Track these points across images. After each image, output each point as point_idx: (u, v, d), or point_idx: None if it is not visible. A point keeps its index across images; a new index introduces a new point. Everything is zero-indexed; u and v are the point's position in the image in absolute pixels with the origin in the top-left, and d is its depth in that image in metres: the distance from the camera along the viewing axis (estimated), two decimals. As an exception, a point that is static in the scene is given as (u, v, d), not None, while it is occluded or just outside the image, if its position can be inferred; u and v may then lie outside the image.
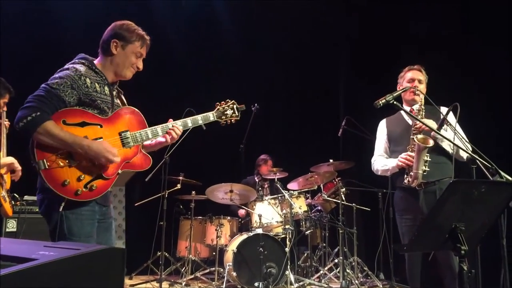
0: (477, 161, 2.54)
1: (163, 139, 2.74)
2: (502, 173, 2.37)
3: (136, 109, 2.64)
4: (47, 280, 1.19)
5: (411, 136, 3.46)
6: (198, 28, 7.45)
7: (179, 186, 5.96)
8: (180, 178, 5.97)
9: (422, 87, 3.65)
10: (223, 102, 2.93)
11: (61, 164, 2.31)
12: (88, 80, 2.44)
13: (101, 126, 2.45)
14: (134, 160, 2.57)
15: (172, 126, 2.71)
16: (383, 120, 3.87)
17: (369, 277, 5.86)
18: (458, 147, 2.88)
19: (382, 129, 3.86)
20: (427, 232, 2.29)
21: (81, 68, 2.47)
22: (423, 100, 3.50)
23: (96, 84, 2.48)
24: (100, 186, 2.40)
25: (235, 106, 2.94)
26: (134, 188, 6.90)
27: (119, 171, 2.50)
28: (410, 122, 3.58)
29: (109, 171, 2.44)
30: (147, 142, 2.74)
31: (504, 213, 2.46)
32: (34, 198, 4.54)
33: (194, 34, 7.45)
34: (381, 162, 3.74)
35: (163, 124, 2.70)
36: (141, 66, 2.67)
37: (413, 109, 3.52)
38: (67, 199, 2.31)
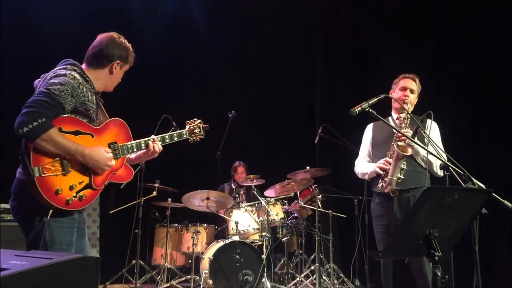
0: (450, 168, 2.59)
1: (143, 154, 2.82)
2: (474, 180, 2.41)
3: (124, 122, 2.68)
4: (18, 290, 1.16)
5: (392, 143, 3.51)
6: (174, 35, 7.42)
7: (155, 193, 5.88)
8: (156, 185, 5.90)
9: (413, 97, 3.66)
10: (191, 120, 3.08)
11: (56, 172, 2.28)
12: (84, 89, 2.42)
13: (92, 136, 2.45)
14: (119, 172, 2.61)
15: (153, 141, 2.79)
16: (370, 124, 3.91)
17: (345, 284, 5.89)
18: (431, 153, 2.92)
19: (368, 133, 3.90)
20: (401, 239, 2.32)
21: (77, 76, 2.44)
22: (410, 109, 3.55)
23: (89, 93, 2.46)
24: (88, 196, 2.41)
25: (201, 126, 3.10)
26: (109, 195, 6.80)
27: (106, 183, 2.52)
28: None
29: (98, 181, 2.45)
30: (132, 155, 2.78)
31: (477, 219, 2.51)
32: (6, 206, 4.42)
33: (170, 41, 7.41)
34: (362, 166, 3.79)
35: (147, 138, 2.77)
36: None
37: (400, 117, 3.58)
38: (55, 208, 2.26)
